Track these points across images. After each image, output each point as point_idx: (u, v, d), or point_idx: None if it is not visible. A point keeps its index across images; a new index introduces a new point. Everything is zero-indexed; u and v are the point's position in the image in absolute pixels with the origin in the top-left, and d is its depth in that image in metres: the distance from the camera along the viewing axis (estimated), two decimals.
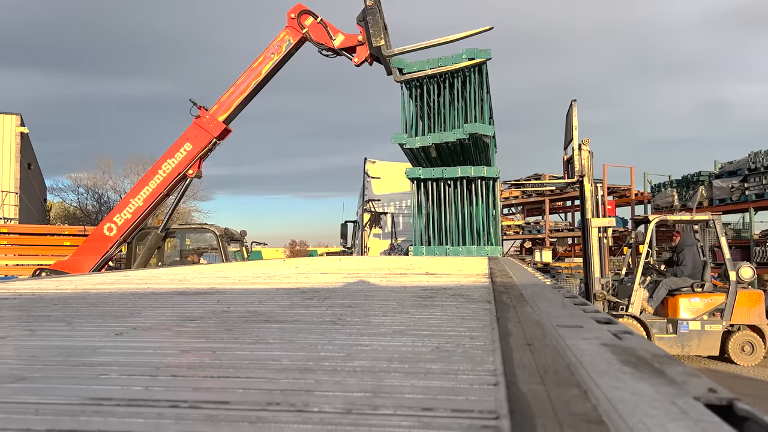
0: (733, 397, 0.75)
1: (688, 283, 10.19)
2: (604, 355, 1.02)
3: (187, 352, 1.29)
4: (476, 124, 7.88)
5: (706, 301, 10.01)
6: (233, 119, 9.22)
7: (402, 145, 8.27)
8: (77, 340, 1.42)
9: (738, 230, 17.51)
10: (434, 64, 8.13)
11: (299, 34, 8.70)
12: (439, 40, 8.25)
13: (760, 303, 10.10)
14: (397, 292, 2.57)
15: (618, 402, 0.75)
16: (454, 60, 8.04)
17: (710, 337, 9.84)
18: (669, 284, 10.21)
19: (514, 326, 1.38)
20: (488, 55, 8.03)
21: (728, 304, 9.87)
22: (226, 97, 9.04)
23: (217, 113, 9.01)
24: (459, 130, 7.92)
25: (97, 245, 9.17)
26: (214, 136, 9.02)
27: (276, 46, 8.82)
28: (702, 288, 10.15)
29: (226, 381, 0.97)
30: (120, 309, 2.07)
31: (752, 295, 10.11)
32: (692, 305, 9.95)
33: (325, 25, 8.63)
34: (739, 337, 9.91)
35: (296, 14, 8.68)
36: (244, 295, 2.49)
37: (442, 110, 8.24)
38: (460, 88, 8.17)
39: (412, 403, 0.80)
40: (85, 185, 37.79)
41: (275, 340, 1.35)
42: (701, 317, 9.85)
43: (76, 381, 0.98)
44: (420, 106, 8.36)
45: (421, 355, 1.13)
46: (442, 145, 8.05)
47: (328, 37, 8.61)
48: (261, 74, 8.88)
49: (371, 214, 12.23)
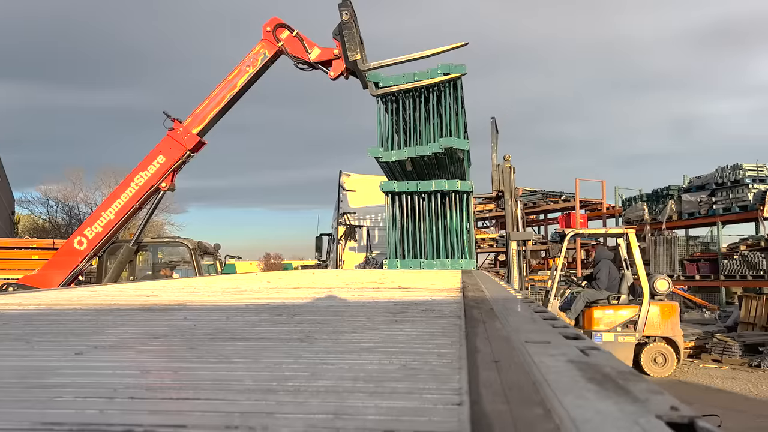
0: (694, 415, 0.75)
1: (604, 295, 10.47)
2: (570, 372, 1.01)
3: (148, 372, 1.26)
4: (451, 139, 7.93)
5: (620, 313, 10.23)
6: (208, 132, 9.14)
7: (378, 159, 8.29)
8: (34, 360, 1.38)
9: (706, 243, 17.89)
10: (410, 78, 8.18)
11: (275, 47, 8.68)
12: (415, 55, 8.31)
13: (674, 315, 10.34)
14: (369, 307, 2.55)
15: (581, 422, 0.75)
16: (430, 75, 8.10)
17: (623, 348, 10.01)
18: (586, 296, 10.50)
19: (483, 342, 1.37)
20: (464, 70, 8.11)
21: (641, 316, 10.07)
22: (200, 109, 8.95)
23: (192, 125, 8.91)
24: (434, 144, 7.96)
25: (67, 259, 8.98)
26: (188, 149, 8.92)
27: (251, 59, 8.78)
28: (618, 300, 10.38)
29: (186, 403, 0.95)
30: (82, 327, 2.01)
31: (667, 308, 10.35)
32: (606, 317, 10.19)
33: (301, 38, 8.61)
34: (652, 349, 10.12)
35: (272, 27, 8.65)
36: (212, 312, 2.45)
37: (418, 124, 8.29)
38: (435, 103, 8.22)
39: (374, 424, 0.79)
40: (54, 197, 37.15)
41: (240, 359, 1.33)
42: (615, 329, 10.03)
43: (28, 404, 0.95)
44: (396, 120, 8.40)
45: (387, 373, 1.12)
46: (418, 158, 8.08)
47: (304, 50, 8.60)
48: (236, 87, 8.83)
49: (346, 227, 12.21)
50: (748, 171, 15.57)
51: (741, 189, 15.53)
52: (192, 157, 9.11)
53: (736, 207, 15.64)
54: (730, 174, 15.85)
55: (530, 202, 24.29)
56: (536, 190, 24.75)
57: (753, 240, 15.71)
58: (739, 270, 15.20)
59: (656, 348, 10.13)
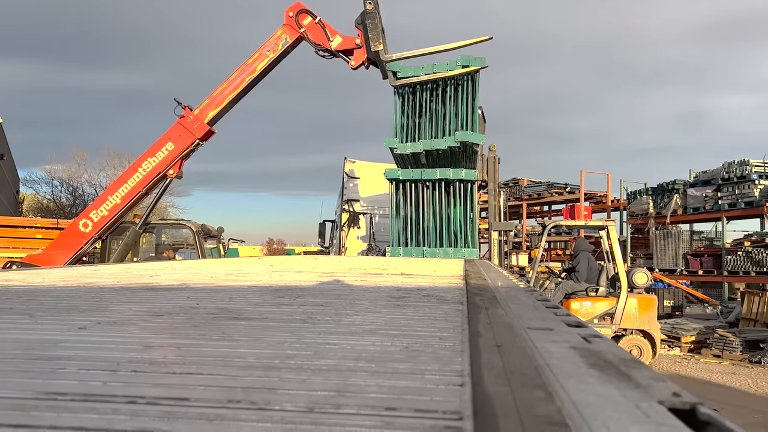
0: (696, 402, 0.75)
1: (583, 287, 10.49)
2: (572, 358, 1.01)
3: (151, 347, 1.26)
4: (467, 132, 7.89)
5: (597, 305, 10.25)
6: (221, 118, 9.08)
7: (393, 150, 8.26)
8: (38, 333, 1.39)
9: (710, 239, 17.83)
10: (429, 69, 8.13)
11: (296, 33, 8.60)
12: (438, 48, 8.26)
13: (652, 309, 10.32)
14: (371, 291, 2.55)
15: (583, 405, 0.75)
16: (449, 67, 8.05)
17: None
18: (565, 288, 10.56)
19: (485, 328, 1.37)
20: (483, 63, 8.04)
21: (618, 309, 10.07)
22: (218, 92, 8.88)
23: (208, 108, 8.84)
24: (450, 137, 7.92)
25: (72, 240, 9.01)
26: (198, 137, 8.88)
27: (272, 43, 8.71)
28: (596, 292, 10.40)
29: (188, 377, 0.95)
30: (86, 303, 2.02)
31: (645, 301, 10.34)
32: (584, 309, 10.18)
33: (323, 25, 8.53)
34: (627, 342, 10.12)
35: (294, 13, 8.57)
36: (215, 292, 2.45)
37: (434, 116, 8.24)
38: (452, 95, 8.18)
39: (376, 402, 0.79)
40: (59, 177, 37.17)
41: (242, 337, 1.33)
42: (591, 321, 10.05)
43: (32, 375, 0.95)
44: (413, 111, 8.35)
45: (389, 354, 1.12)
46: (433, 151, 8.06)
47: (326, 38, 8.52)
48: (255, 71, 8.76)
49: (350, 214, 12.21)
50: (754, 167, 15.48)
51: (747, 185, 15.45)
52: (201, 145, 9.07)
53: (742, 203, 15.56)
54: (737, 169, 15.76)
55: (535, 193, 24.22)
56: (541, 181, 24.67)
57: (757, 236, 15.63)
58: (742, 266, 15.15)
59: (632, 341, 10.14)
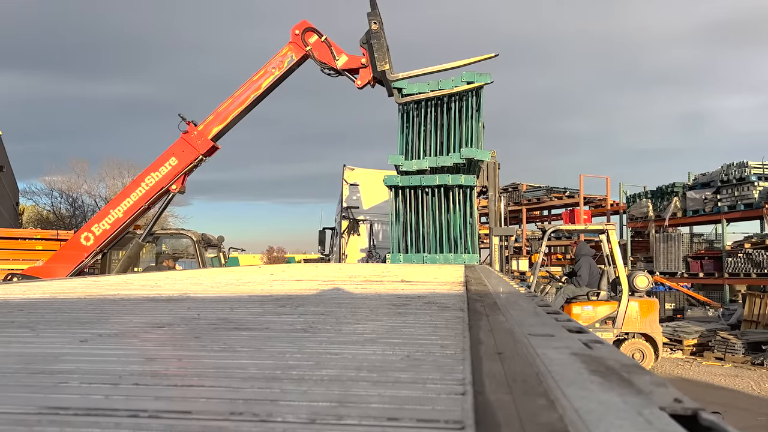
0: (698, 407, 0.75)
1: (584, 291, 10.48)
2: (574, 365, 1.01)
3: (153, 359, 1.26)
4: (473, 149, 7.90)
5: (599, 309, 10.23)
6: (226, 133, 9.08)
7: (398, 167, 8.27)
8: (39, 346, 1.39)
9: (710, 241, 17.82)
10: (434, 86, 8.16)
11: (302, 51, 8.62)
12: (444, 66, 8.32)
13: (653, 312, 10.31)
14: (372, 299, 2.55)
15: (585, 412, 0.75)
16: (454, 83, 8.08)
17: None
18: (567, 292, 10.55)
19: (486, 335, 1.38)
20: (488, 79, 8.05)
21: (620, 313, 10.06)
22: (223, 108, 8.88)
23: (212, 124, 8.84)
24: (456, 154, 7.94)
25: (73, 253, 9.00)
26: (201, 153, 8.87)
27: (278, 61, 8.72)
28: (597, 296, 10.39)
29: (190, 390, 0.95)
30: (87, 315, 2.02)
31: (646, 304, 10.34)
32: (585, 313, 10.17)
33: (329, 44, 8.55)
34: (629, 345, 10.10)
35: (301, 31, 8.59)
36: (216, 302, 2.45)
37: (440, 133, 8.26)
38: (457, 111, 8.19)
39: (378, 412, 0.79)
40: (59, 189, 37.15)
41: (243, 348, 1.33)
42: (593, 325, 10.03)
43: (34, 389, 0.95)
44: (418, 127, 8.36)
45: (390, 363, 1.12)
46: (438, 167, 8.07)
47: (332, 56, 8.54)
48: (261, 88, 8.76)
49: (349, 221, 12.21)
50: (753, 168, 15.49)
51: (746, 186, 15.46)
52: (204, 161, 9.06)
53: (741, 205, 15.57)
54: (736, 171, 15.77)
55: (534, 197, 24.22)
56: (540, 185, 24.68)
57: (758, 238, 15.62)
58: (743, 268, 15.15)
59: (634, 344, 10.12)
